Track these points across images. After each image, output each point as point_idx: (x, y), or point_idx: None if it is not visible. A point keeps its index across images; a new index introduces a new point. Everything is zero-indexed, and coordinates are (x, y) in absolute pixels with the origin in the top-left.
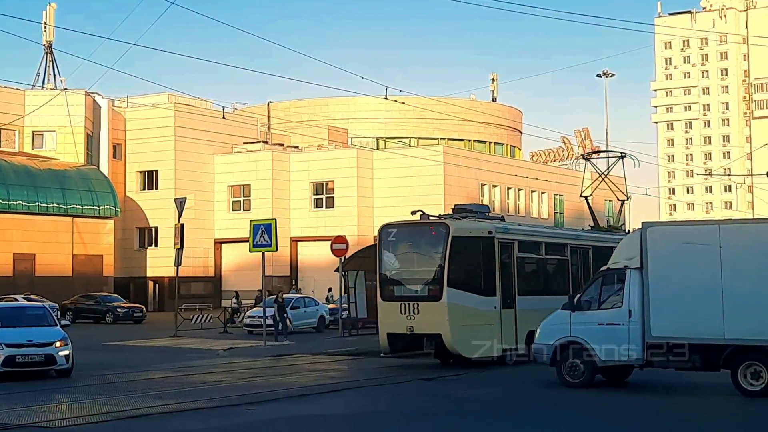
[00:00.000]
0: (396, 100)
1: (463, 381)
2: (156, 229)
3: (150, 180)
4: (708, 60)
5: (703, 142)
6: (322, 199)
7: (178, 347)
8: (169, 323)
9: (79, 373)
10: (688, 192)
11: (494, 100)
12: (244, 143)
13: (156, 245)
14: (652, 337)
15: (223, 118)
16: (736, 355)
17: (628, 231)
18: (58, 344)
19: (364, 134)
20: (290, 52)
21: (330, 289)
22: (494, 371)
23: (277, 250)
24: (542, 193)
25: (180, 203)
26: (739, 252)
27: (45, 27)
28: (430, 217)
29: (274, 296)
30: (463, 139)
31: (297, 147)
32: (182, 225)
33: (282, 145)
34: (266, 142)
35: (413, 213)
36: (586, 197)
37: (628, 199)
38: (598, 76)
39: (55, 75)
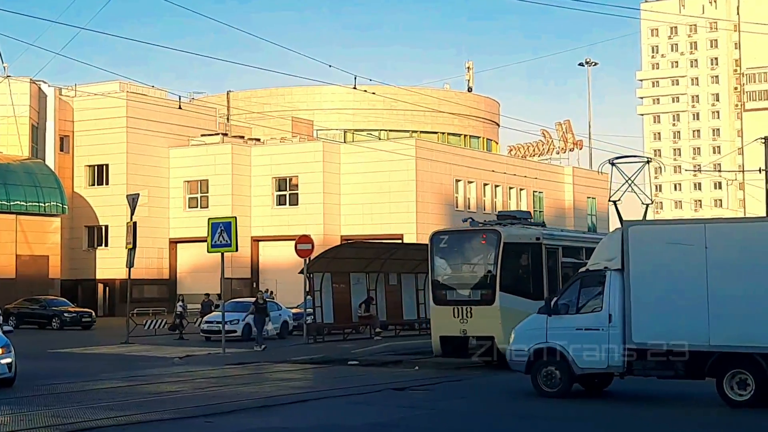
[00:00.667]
0: (365, 90)
1: (438, 391)
2: (106, 227)
3: (100, 175)
4: (697, 48)
5: (691, 136)
6: (285, 195)
7: (130, 355)
8: (121, 329)
9: (23, 383)
10: (675, 189)
11: (470, 90)
12: (202, 135)
13: (106, 245)
14: (633, 343)
15: (180, 108)
16: (721, 362)
17: None
18: None
19: (331, 126)
20: (252, 38)
21: (267, 290)
22: (470, 380)
23: (237, 250)
24: (521, 189)
25: (132, 200)
26: (727, 253)
27: None
28: (480, 224)
29: (255, 298)
30: (436, 132)
31: (258, 140)
32: (135, 223)
33: (242, 137)
34: (225, 135)
35: (464, 221)
36: (614, 202)
37: (652, 203)
38: (581, 65)
39: None
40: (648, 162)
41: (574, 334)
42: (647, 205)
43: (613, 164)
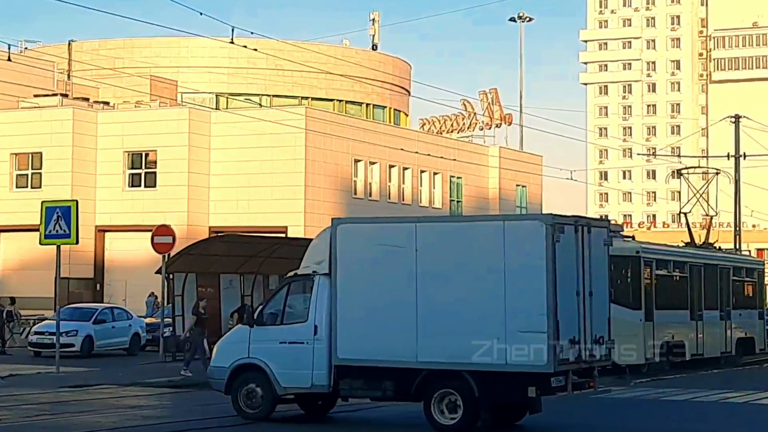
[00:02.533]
0: (245, 46)
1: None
2: None
3: None
4: (654, 4)
5: (645, 112)
6: (140, 175)
7: None
8: None
9: None
10: (624, 177)
11: (375, 48)
12: (35, 96)
13: None
14: (338, 359)
15: (9, 60)
16: (429, 381)
17: (719, 248)
18: None
19: (201, 89)
20: None
21: (152, 294)
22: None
23: (77, 242)
24: (435, 174)
25: None
26: (438, 257)
27: None
28: None
29: (194, 307)
30: (332, 100)
31: (107, 103)
32: None
33: (87, 99)
34: (65, 96)
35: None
36: (685, 214)
37: (717, 215)
38: (512, 20)
39: None
40: (717, 173)
41: (277, 348)
42: (711, 217)
43: (680, 175)
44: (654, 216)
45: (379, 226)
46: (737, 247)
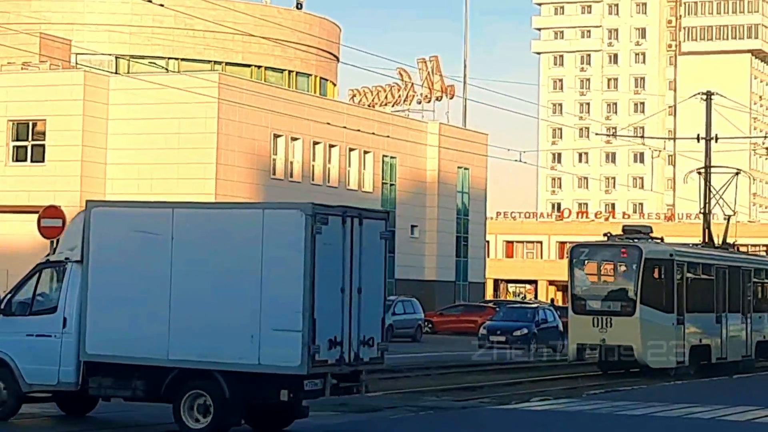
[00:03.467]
0: (150, 1)
1: None
2: None
3: None
4: None
5: (605, 86)
6: (25, 147)
7: None
8: None
9: None
10: (580, 160)
11: (299, 6)
12: None
13: None
14: (87, 354)
15: None
16: (180, 381)
17: (737, 248)
18: None
19: (98, 50)
20: None
21: None
22: None
23: None
24: (365, 152)
25: None
26: (195, 247)
27: None
28: (617, 238)
29: None
30: (249, 65)
31: None
32: None
33: None
34: None
35: (605, 235)
36: (705, 214)
37: (734, 215)
38: None
39: None
40: (737, 174)
41: (25, 341)
42: (728, 217)
43: (699, 174)
44: (613, 205)
45: (135, 211)
46: (705, 241)
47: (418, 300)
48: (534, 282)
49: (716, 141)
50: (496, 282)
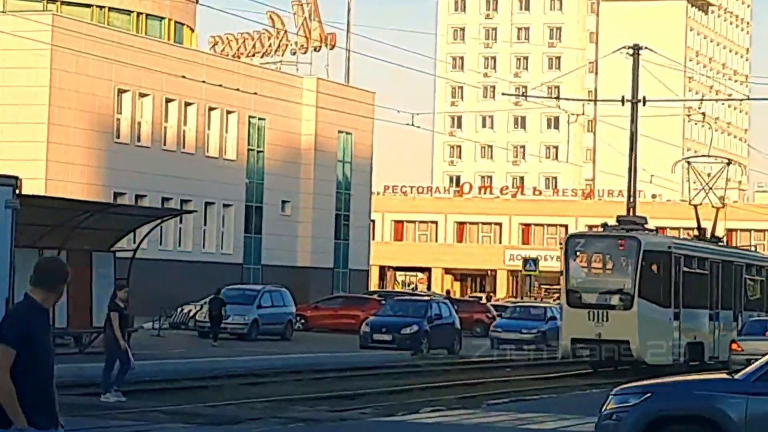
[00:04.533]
0: None
1: None
2: None
3: None
4: None
5: (515, 38)
6: None
7: None
8: None
9: None
10: (484, 125)
11: None
12: None
13: None
14: None
15: None
16: None
17: (724, 242)
18: None
19: None
20: None
21: None
22: None
23: None
24: (229, 112)
25: None
26: None
27: None
28: (614, 229)
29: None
30: (90, 5)
31: None
32: None
33: None
34: None
35: (601, 225)
36: (695, 206)
37: (723, 207)
38: None
39: None
40: (728, 164)
41: None
42: (717, 209)
43: (689, 163)
44: (522, 179)
45: None
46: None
47: (289, 290)
48: (427, 270)
49: (644, 104)
50: (383, 269)
